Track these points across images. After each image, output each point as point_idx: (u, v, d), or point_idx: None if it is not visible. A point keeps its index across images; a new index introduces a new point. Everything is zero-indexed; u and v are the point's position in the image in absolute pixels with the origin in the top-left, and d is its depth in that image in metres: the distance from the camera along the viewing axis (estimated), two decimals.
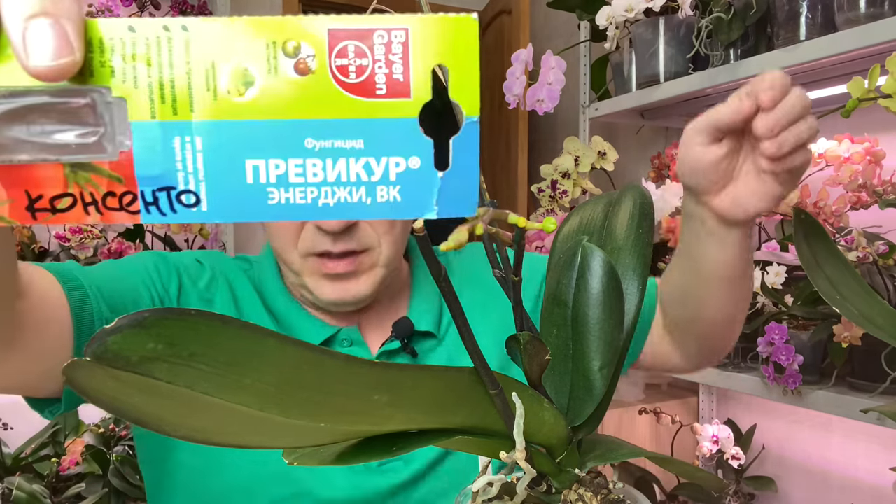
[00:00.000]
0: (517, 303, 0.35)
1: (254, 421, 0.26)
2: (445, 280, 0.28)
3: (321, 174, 0.22)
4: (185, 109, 0.22)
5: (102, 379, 0.22)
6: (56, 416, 0.55)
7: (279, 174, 0.22)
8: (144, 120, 0.22)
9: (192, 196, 0.22)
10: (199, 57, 0.21)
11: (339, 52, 0.22)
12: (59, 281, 0.51)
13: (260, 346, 0.24)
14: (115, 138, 0.22)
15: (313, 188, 0.22)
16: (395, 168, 0.22)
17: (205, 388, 0.23)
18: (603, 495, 0.36)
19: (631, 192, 0.45)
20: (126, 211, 0.22)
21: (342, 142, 0.22)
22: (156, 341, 0.22)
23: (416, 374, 0.30)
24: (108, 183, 0.22)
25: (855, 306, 0.54)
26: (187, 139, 0.22)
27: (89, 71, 0.21)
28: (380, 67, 0.22)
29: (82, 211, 0.22)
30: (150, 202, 0.22)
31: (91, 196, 0.22)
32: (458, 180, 0.23)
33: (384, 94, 0.22)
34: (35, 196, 0.22)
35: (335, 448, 0.31)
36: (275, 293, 0.67)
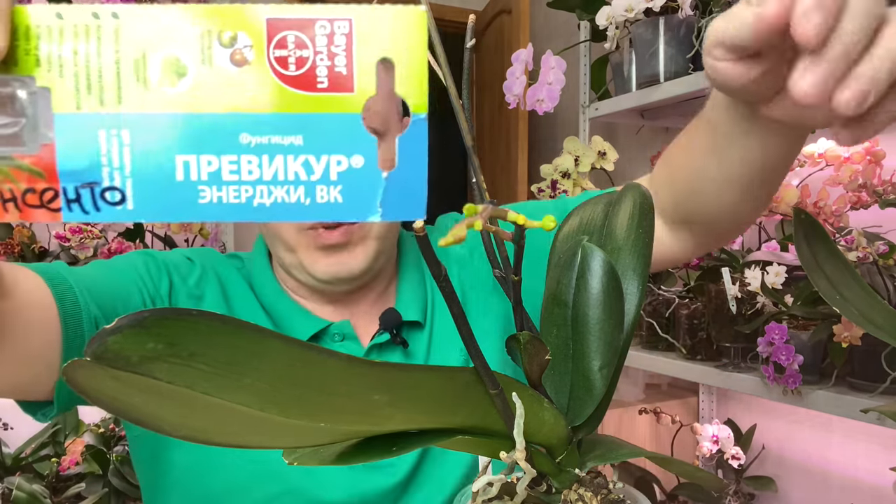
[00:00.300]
0: (517, 302, 0.35)
1: (254, 421, 0.26)
2: (445, 280, 0.28)
3: (257, 172, 0.21)
4: (112, 101, 0.20)
5: (103, 379, 0.22)
6: (50, 419, 0.54)
7: (211, 171, 0.21)
8: (69, 112, 0.20)
9: (118, 193, 0.21)
10: (130, 46, 0.20)
11: (279, 42, 0.21)
12: (46, 281, 0.50)
13: (260, 345, 0.24)
14: (37, 130, 0.20)
15: (248, 187, 0.21)
16: (337, 167, 0.21)
17: (205, 387, 0.23)
18: (603, 495, 0.36)
19: (631, 192, 0.45)
20: (46, 208, 0.21)
21: (280, 138, 0.21)
22: (156, 341, 0.22)
23: (417, 374, 0.30)
24: (28, 178, 0.21)
25: (855, 306, 0.54)
26: (114, 132, 0.21)
27: (13, 59, 0.20)
28: (321, 59, 0.21)
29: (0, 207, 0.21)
30: (72, 199, 0.21)
31: (10, 192, 0.21)
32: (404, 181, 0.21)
33: (326, 87, 0.21)
34: None
35: (335, 448, 0.31)
36: (266, 288, 0.67)
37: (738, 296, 1.12)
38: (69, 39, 0.20)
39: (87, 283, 0.54)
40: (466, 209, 0.24)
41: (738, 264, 1.20)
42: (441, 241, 0.22)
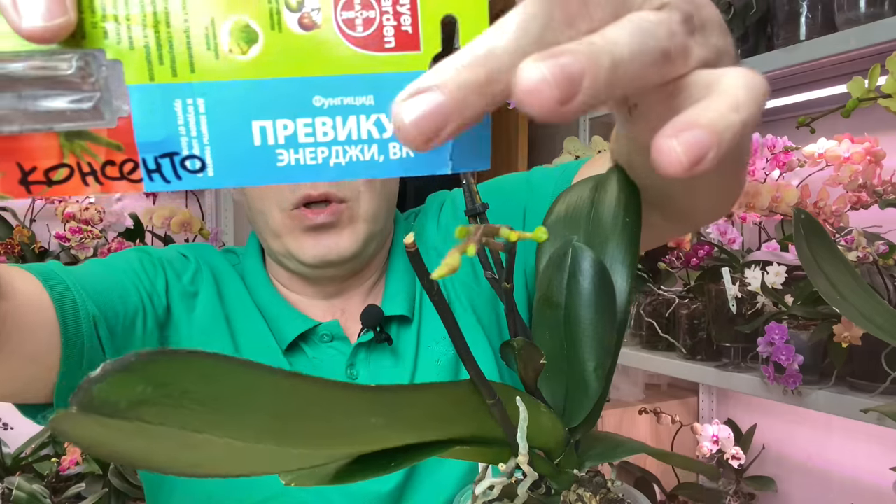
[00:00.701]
0: (510, 308, 0.35)
1: (250, 453, 0.25)
2: (438, 294, 0.28)
3: (331, 133, 0.21)
4: (184, 70, 0.20)
5: (91, 427, 0.21)
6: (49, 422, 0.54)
7: (288, 134, 0.21)
8: (142, 83, 0.20)
9: (198, 161, 0.21)
10: (198, 14, 0.20)
11: (345, 4, 0.21)
12: (42, 282, 0.50)
13: (253, 379, 0.23)
14: (112, 104, 0.20)
15: (324, 147, 0.21)
16: None
17: (197, 426, 0.22)
18: (602, 495, 0.36)
19: (617, 174, 0.43)
20: (127, 180, 0.21)
21: (352, 98, 0.21)
22: (145, 384, 0.21)
23: (413, 393, 0.29)
24: (106, 151, 0.21)
25: (855, 306, 0.54)
26: (189, 101, 0.21)
27: (81, 33, 0.20)
28: (387, 19, 0.21)
29: (80, 182, 0.21)
30: (152, 169, 0.21)
31: (89, 166, 0.21)
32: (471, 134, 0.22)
33: (393, 47, 0.21)
34: (28, 168, 0.21)
35: (331, 467, 0.30)
36: (258, 284, 0.67)
37: (738, 296, 1.12)
38: (136, 9, 0.20)
39: (84, 282, 0.54)
40: (458, 232, 0.23)
41: (738, 264, 1.20)
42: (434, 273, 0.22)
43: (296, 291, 0.68)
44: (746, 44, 1.21)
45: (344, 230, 0.62)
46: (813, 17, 1.07)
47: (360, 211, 0.62)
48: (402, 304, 0.67)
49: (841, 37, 1.01)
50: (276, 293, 0.67)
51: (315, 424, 0.26)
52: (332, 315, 0.67)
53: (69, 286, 0.52)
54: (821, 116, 0.77)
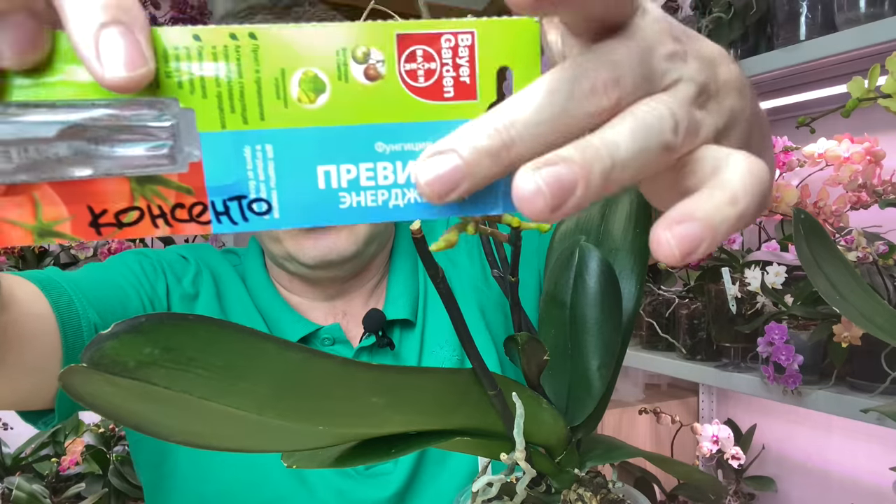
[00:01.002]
0: (515, 303, 0.35)
1: (251, 425, 0.25)
2: (443, 282, 0.28)
3: (392, 177, 0.22)
4: (255, 118, 0.21)
5: (99, 385, 0.22)
6: (51, 427, 0.54)
7: (350, 178, 0.22)
8: (214, 130, 0.21)
9: (264, 204, 0.22)
10: (268, 65, 0.21)
11: (408, 56, 0.22)
12: (42, 290, 0.50)
13: (258, 349, 0.24)
14: (183, 150, 0.21)
15: (384, 191, 0.22)
16: None
17: (202, 392, 0.23)
18: (602, 495, 0.36)
19: (628, 191, 0.45)
20: (196, 222, 0.22)
21: (412, 144, 0.22)
22: (153, 346, 0.22)
23: (415, 376, 0.30)
24: (176, 195, 0.21)
25: (855, 306, 0.54)
26: (258, 148, 0.22)
27: (155, 82, 0.21)
28: (447, 71, 0.22)
29: (150, 224, 0.22)
30: (221, 212, 0.22)
31: (159, 209, 0.21)
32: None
33: (452, 96, 0.22)
34: (99, 211, 0.21)
35: (333, 451, 0.31)
36: (259, 287, 0.67)
37: (738, 296, 1.12)
38: (208, 61, 0.21)
39: (84, 288, 0.53)
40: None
41: (738, 264, 1.20)
42: (432, 246, 0.22)
43: (297, 294, 0.68)
44: (746, 44, 1.22)
45: (343, 230, 0.61)
46: (813, 17, 1.07)
47: None
48: (405, 308, 0.66)
49: (841, 37, 1.01)
50: (277, 295, 0.66)
51: (316, 399, 0.26)
52: (333, 318, 0.67)
53: (70, 294, 0.51)
54: (821, 116, 0.77)
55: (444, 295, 0.29)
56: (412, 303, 0.67)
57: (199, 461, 0.60)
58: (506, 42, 0.22)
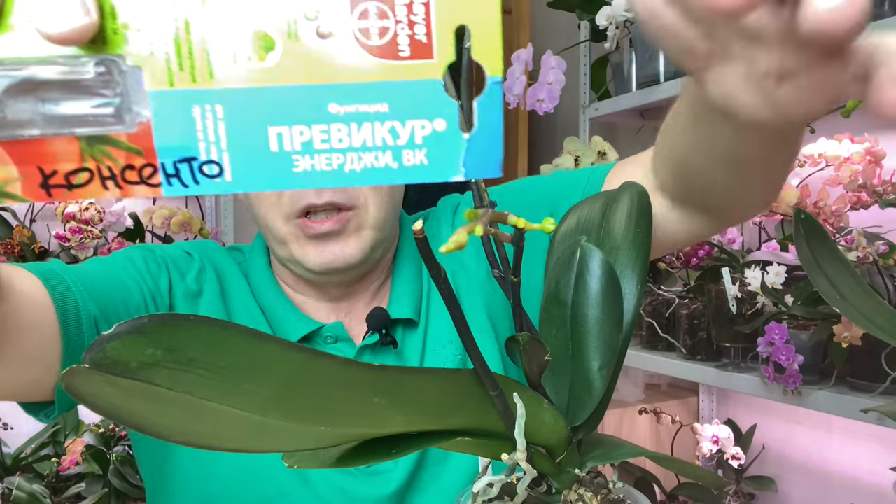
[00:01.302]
0: (516, 303, 0.35)
1: (253, 425, 0.25)
2: (445, 282, 0.28)
3: (346, 140, 0.22)
4: (204, 76, 0.21)
5: (101, 386, 0.22)
6: (52, 419, 0.54)
7: (304, 141, 0.22)
8: (162, 88, 0.21)
9: (216, 166, 0.22)
10: (217, 22, 0.21)
11: (361, 13, 0.21)
12: (43, 281, 0.50)
13: (260, 350, 0.24)
14: (132, 109, 0.21)
15: (339, 154, 0.22)
16: (421, 131, 0.22)
17: (204, 393, 0.23)
18: (603, 495, 0.36)
19: (629, 191, 0.45)
20: (146, 184, 0.21)
21: (367, 106, 0.22)
22: (155, 347, 0.22)
23: (417, 376, 0.30)
24: (126, 156, 0.21)
25: (855, 306, 0.54)
26: (208, 107, 0.21)
27: (102, 38, 0.20)
28: (402, 29, 0.21)
29: (100, 185, 0.21)
30: (171, 174, 0.21)
31: (109, 170, 0.21)
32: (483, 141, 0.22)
33: (407, 56, 0.21)
34: (49, 172, 0.21)
35: (334, 451, 0.31)
36: (262, 285, 0.66)
37: (738, 296, 1.12)
38: (157, 17, 0.20)
39: (85, 281, 0.53)
40: (467, 214, 0.24)
41: (738, 264, 1.20)
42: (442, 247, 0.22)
43: (301, 293, 0.68)
44: None
45: (350, 237, 0.61)
46: None
47: (367, 218, 0.61)
48: (408, 308, 0.66)
49: None
50: (280, 294, 0.66)
51: (318, 399, 0.26)
52: (336, 316, 0.67)
53: (70, 286, 0.51)
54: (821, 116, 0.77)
55: (445, 295, 0.29)
56: (416, 302, 0.67)
57: (201, 460, 0.60)
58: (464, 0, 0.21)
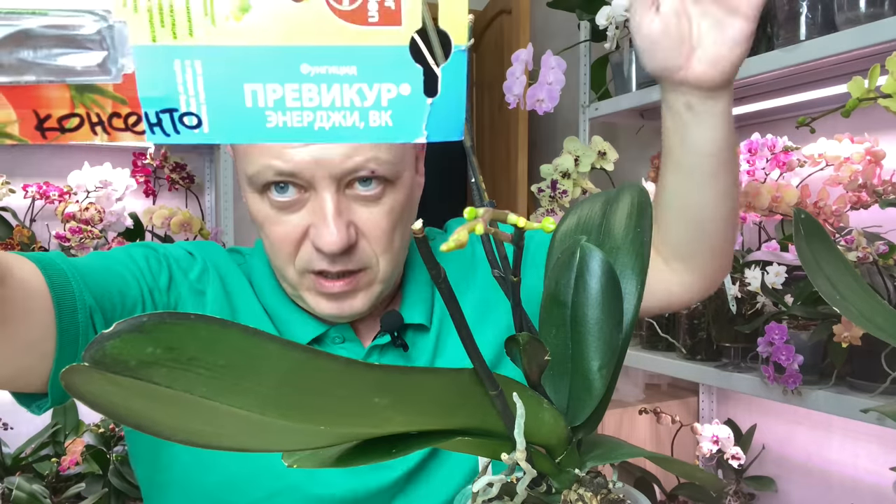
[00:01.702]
0: (516, 303, 0.35)
1: (253, 424, 0.25)
2: (444, 281, 0.28)
3: (317, 99, 0.23)
4: (184, 33, 0.22)
5: (100, 384, 0.22)
6: (45, 411, 0.54)
7: (276, 98, 0.23)
8: (145, 44, 0.22)
9: (194, 118, 0.23)
10: None
11: None
12: (40, 268, 0.50)
13: (260, 349, 0.24)
14: (117, 61, 0.22)
15: (309, 112, 0.23)
16: (387, 94, 0.23)
17: (204, 392, 0.23)
18: (603, 495, 0.36)
19: (629, 190, 0.45)
20: (132, 131, 0.23)
21: (336, 68, 0.23)
22: (154, 345, 0.22)
23: (417, 376, 0.30)
24: (112, 104, 0.23)
25: (855, 306, 0.54)
26: (187, 63, 0.22)
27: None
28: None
29: (90, 130, 0.23)
30: (154, 123, 0.23)
31: (97, 116, 0.23)
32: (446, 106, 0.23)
33: (377, 21, 0.23)
34: (43, 116, 0.23)
35: (334, 450, 0.31)
36: (267, 289, 0.67)
37: (738, 296, 1.12)
38: None
39: (83, 272, 0.53)
40: (467, 213, 0.24)
41: (738, 264, 1.20)
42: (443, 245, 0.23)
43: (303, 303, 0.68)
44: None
45: (360, 293, 0.62)
46: (813, 17, 1.07)
47: (378, 275, 0.62)
48: (421, 314, 0.67)
49: (841, 37, 1.01)
50: (285, 297, 0.66)
51: (318, 398, 0.26)
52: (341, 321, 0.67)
53: (67, 275, 0.51)
54: (821, 116, 0.77)
55: (444, 294, 0.29)
56: (428, 309, 0.69)
57: (200, 452, 0.60)
58: None
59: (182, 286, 0.63)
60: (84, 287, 0.52)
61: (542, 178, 1.44)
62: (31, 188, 1.56)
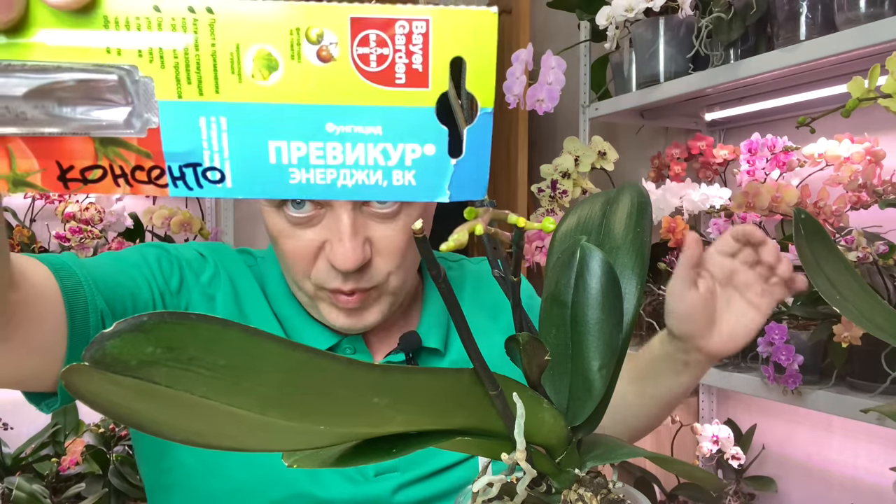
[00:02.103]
0: (516, 303, 0.35)
1: (253, 424, 0.25)
2: (444, 282, 0.28)
3: (340, 157, 0.23)
4: (210, 90, 0.22)
5: (101, 384, 0.22)
6: (53, 410, 0.54)
7: (300, 156, 0.23)
8: (171, 99, 0.22)
9: (217, 173, 0.23)
10: (224, 39, 0.22)
11: (361, 40, 0.22)
12: (53, 272, 0.50)
13: (260, 349, 0.24)
14: (143, 116, 0.22)
15: (333, 170, 0.23)
16: (412, 154, 0.23)
17: (204, 391, 0.23)
18: (603, 495, 0.36)
19: (629, 190, 0.45)
20: (154, 184, 0.23)
21: (361, 127, 0.23)
22: (155, 345, 0.22)
23: (417, 376, 0.30)
24: (136, 158, 0.23)
25: (855, 306, 0.54)
26: (213, 119, 0.23)
27: (116, 51, 0.22)
28: (400, 57, 0.22)
29: (112, 182, 0.23)
30: (177, 177, 0.23)
31: (121, 169, 0.23)
32: (470, 167, 0.24)
33: (403, 83, 0.23)
34: (66, 167, 0.23)
35: (334, 450, 0.31)
36: (280, 297, 0.66)
37: None
38: (167, 31, 0.22)
39: (95, 275, 0.54)
40: (467, 212, 0.24)
41: None
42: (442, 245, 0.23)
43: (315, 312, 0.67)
44: (746, 44, 1.22)
45: (372, 307, 0.62)
46: (813, 17, 1.07)
47: (389, 288, 0.62)
48: (437, 339, 0.68)
49: (841, 37, 1.01)
50: (298, 306, 0.66)
51: (318, 398, 0.26)
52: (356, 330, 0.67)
53: (80, 279, 0.52)
54: (821, 116, 0.77)
55: (445, 295, 0.29)
56: (443, 334, 0.69)
57: (206, 457, 0.60)
58: (461, 32, 0.22)
59: (193, 289, 0.63)
60: (96, 291, 0.52)
61: (542, 178, 1.44)
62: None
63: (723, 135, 1.62)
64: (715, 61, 1.25)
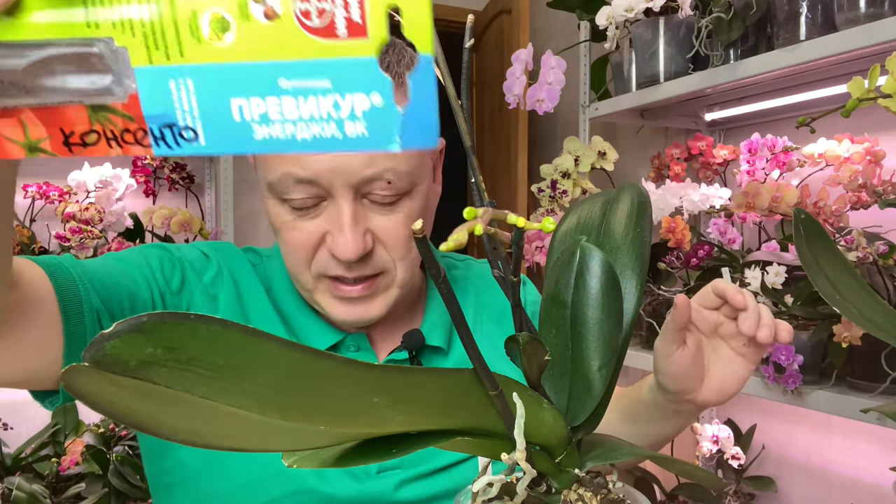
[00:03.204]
0: (516, 303, 0.35)
1: (253, 424, 0.25)
2: (444, 282, 0.28)
3: (296, 112, 0.24)
4: (175, 55, 0.24)
5: (100, 384, 0.22)
6: (57, 407, 0.54)
7: (261, 112, 0.25)
8: (144, 65, 0.24)
9: (192, 132, 0.25)
10: (182, 6, 0.24)
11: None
12: (47, 272, 0.50)
13: (259, 349, 0.24)
14: (123, 83, 0.25)
15: (290, 124, 0.25)
16: (360, 105, 0.24)
17: (203, 392, 0.23)
18: (603, 495, 0.36)
19: (628, 191, 0.45)
20: (140, 144, 0.25)
21: (311, 81, 0.24)
22: (154, 346, 0.22)
23: (417, 376, 0.30)
24: (122, 121, 0.25)
25: (855, 306, 0.54)
26: (181, 81, 0.24)
27: (95, 25, 0.24)
28: (339, 10, 0.23)
29: (106, 145, 0.25)
30: (158, 137, 0.25)
31: (111, 132, 0.25)
32: (418, 114, 0.24)
33: (344, 35, 0.24)
34: (68, 132, 0.26)
35: (334, 450, 0.31)
36: (284, 294, 0.66)
37: None
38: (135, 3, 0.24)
39: (91, 274, 0.54)
40: (467, 212, 0.24)
41: (738, 264, 1.20)
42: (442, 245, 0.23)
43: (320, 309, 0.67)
44: (746, 44, 1.22)
45: (377, 298, 0.62)
46: (813, 17, 1.07)
47: (396, 279, 0.62)
48: (441, 337, 0.68)
49: (841, 37, 1.01)
50: (303, 303, 0.66)
51: (318, 398, 0.26)
52: (357, 329, 0.67)
53: (74, 278, 0.52)
54: (821, 116, 0.77)
55: (444, 294, 0.29)
56: (447, 333, 0.69)
57: (206, 457, 0.60)
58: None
59: (196, 289, 0.63)
60: (91, 290, 0.53)
61: (542, 178, 1.44)
62: (32, 188, 1.56)
63: (723, 135, 1.62)
64: (715, 61, 1.25)
